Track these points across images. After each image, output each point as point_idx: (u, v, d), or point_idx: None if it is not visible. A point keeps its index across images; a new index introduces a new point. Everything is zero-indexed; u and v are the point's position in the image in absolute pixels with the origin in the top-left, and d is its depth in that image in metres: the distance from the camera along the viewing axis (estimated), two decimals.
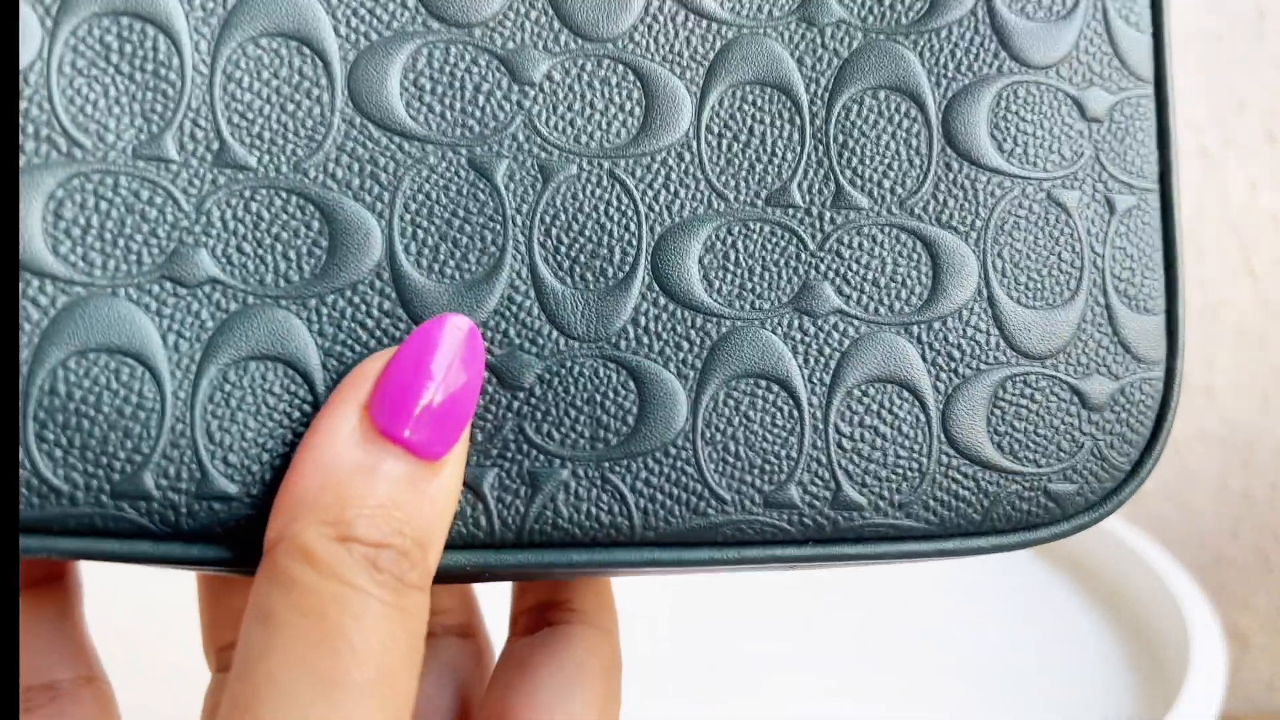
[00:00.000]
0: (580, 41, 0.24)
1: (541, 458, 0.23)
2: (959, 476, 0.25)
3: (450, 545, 0.23)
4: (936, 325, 0.25)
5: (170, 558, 0.22)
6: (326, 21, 0.23)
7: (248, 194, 0.22)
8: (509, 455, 0.23)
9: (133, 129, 0.22)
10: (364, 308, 0.23)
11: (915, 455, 0.25)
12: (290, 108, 0.23)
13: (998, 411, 0.25)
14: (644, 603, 0.37)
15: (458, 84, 0.24)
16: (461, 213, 0.23)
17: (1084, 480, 0.26)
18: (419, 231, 0.23)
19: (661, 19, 0.25)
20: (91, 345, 0.21)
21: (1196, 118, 0.67)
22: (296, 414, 0.22)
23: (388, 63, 0.23)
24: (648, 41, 0.24)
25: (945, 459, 0.25)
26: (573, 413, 0.23)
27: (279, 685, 0.19)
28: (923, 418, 0.25)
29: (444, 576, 0.23)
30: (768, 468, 0.24)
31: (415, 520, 0.21)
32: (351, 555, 0.20)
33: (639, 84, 0.24)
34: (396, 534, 0.20)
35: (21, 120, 0.21)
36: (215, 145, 0.22)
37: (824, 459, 0.24)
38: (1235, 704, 0.75)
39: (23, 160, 0.21)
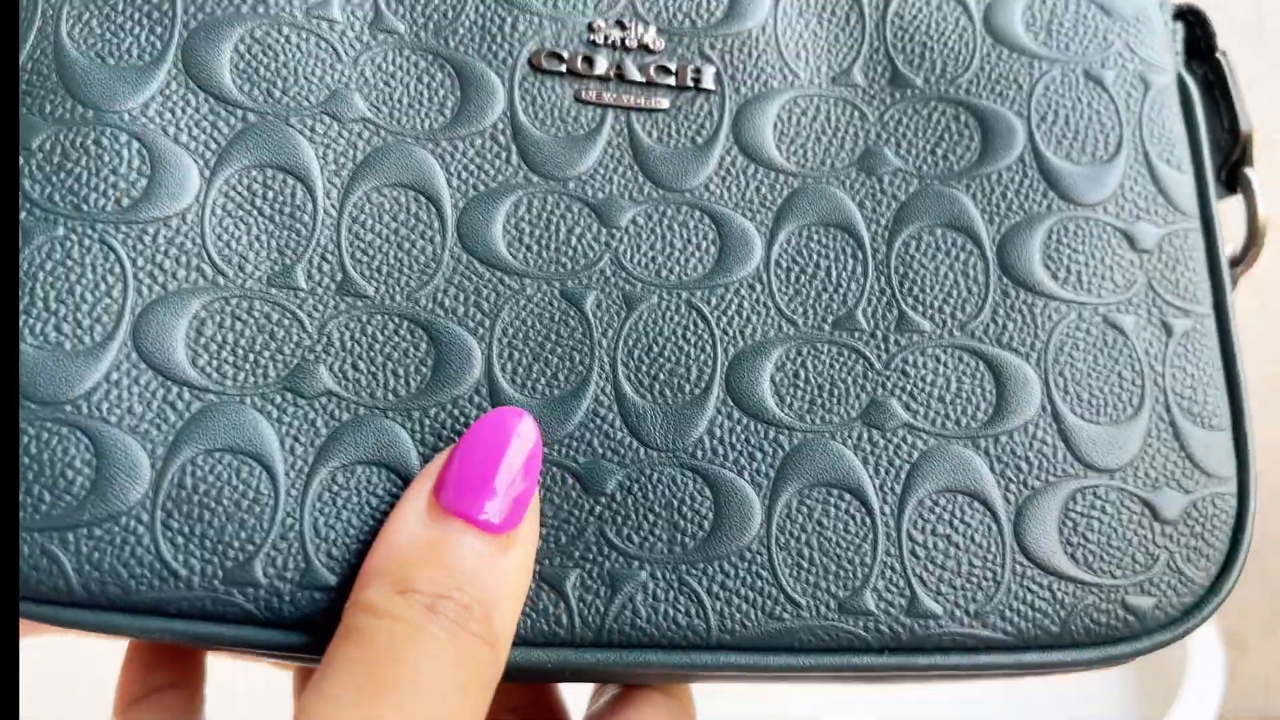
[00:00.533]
0: (661, 191, 0.27)
1: (621, 560, 0.24)
2: (1035, 586, 0.25)
3: (532, 643, 0.24)
4: (1003, 439, 0.26)
5: (272, 644, 0.23)
6: (441, 175, 0.26)
7: (365, 318, 0.25)
8: (590, 557, 0.24)
9: (268, 261, 0.25)
10: (463, 419, 0.24)
11: (990, 564, 0.25)
12: (406, 246, 0.25)
13: (1069, 523, 0.25)
14: None
15: (553, 227, 0.26)
16: (553, 337, 0.25)
17: (1162, 593, 0.25)
18: (514, 353, 0.25)
19: (734, 171, 0.27)
20: (218, 446, 0.23)
21: None
22: None
23: (493, 210, 0.26)
24: (721, 191, 0.27)
25: (1020, 568, 0.25)
26: (651, 517, 0.24)
27: (326, 697, 0.20)
28: (995, 528, 0.25)
29: (525, 674, 0.24)
30: (842, 574, 0.24)
31: (478, 584, 0.21)
32: (408, 601, 0.21)
33: (714, 226, 0.27)
34: (456, 589, 0.21)
35: (176, 251, 0.24)
36: (339, 276, 0.25)
37: (898, 566, 0.25)
38: (1233, 706, 0.72)
39: (173, 285, 0.24)
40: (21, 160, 0.24)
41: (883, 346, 0.26)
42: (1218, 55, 0.30)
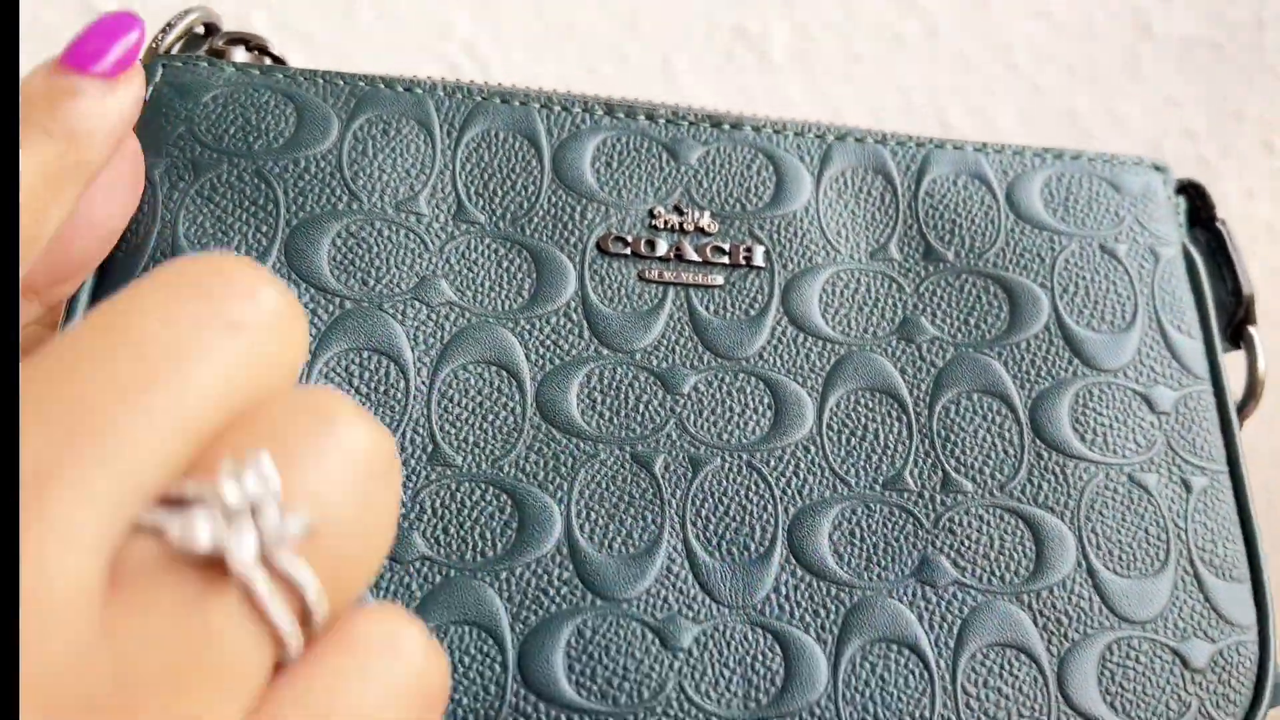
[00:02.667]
0: (720, 360, 0.28)
1: (700, 716, 0.25)
2: None
3: None
4: (1044, 594, 0.27)
5: None
6: (520, 351, 0.28)
7: (454, 486, 0.26)
8: (671, 713, 0.25)
9: None
10: (546, 577, 0.26)
11: (1037, 714, 0.26)
12: (490, 417, 0.27)
13: (1107, 672, 0.26)
14: None
15: (623, 395, 0.28)
16: (626, 498, 0.27)
17: None
18: (592, 514, 0.26)
19: (785, 340, 0.29)
20: None
21: (1195, 127, 0.65)
22: (488, 673, 0.25)
23: (568, 381, 0.27)
24: (774, 359, 0.28)
25: (1065, 718, 0.26)
26: (726, 673, 0.25)
27: None
28: (1040, 679, 0.26)
29: None
30: None
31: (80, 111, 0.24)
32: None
33: (769, 391, 0.28)
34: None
35: None
36: (430, 448, 0.26)
37: (954, 718, 0.26)
38: None
39: None
40: None
41: (930, 506, 0.27)
42: (1218, 224, 0.32)
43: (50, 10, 0.66)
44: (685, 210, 0.29)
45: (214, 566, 0.14)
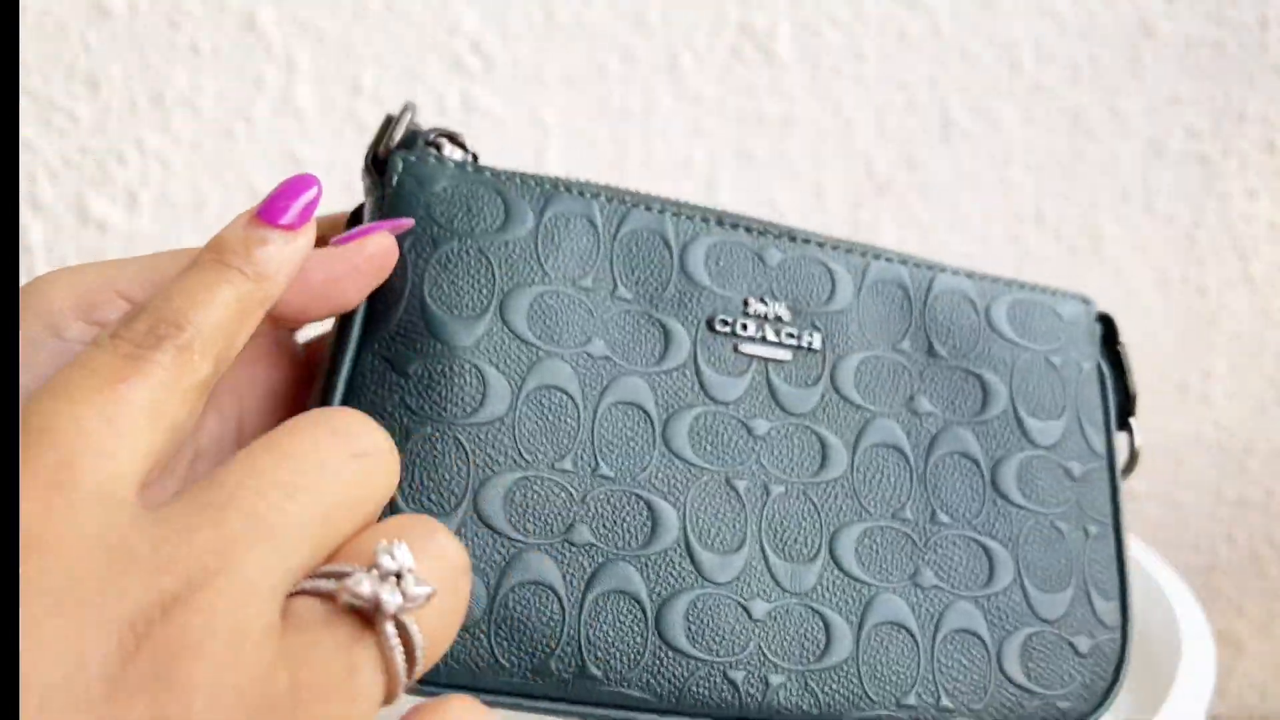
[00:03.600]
0: (785, 415, 0.39)
1: (770, 666, 0.36)
2: (1008, 695, 0.39)
3: (713, 714, 0.36)
4: (993, 599, 0.39)
5: (550, 710, 0.34)
6: (652, 398, 0.38)
7: (609, 493, 0.36)
8: (752, 663, 0.36)
9: (551, 452, 0.36)
10: (670, 564, 0.36)
11: (983, 679, 0.38)
12: (632, 445, 0.37)
13: (1027, 653, 0.39)
14: None
15: (718, 434, 0.38)
16: (721, 511, 0.38)
17: (1076, 701, 0.39)
18: (699, 519, 0.37)
19: (830, 404, 0.40)
20: (524, 580, 0.34)
21: (1197, 126, 0.67)
22: (636, 628, 0.35)
23: (683, 422, 0.38)
24: (822, 417, 0.40)
25: (999, 682, 0.38)
26: (788, 639, 0.37)
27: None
28: (986, 655, 0.39)
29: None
30: (899, 681, 0.37)
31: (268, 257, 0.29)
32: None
33: (818, 440, 0.39)
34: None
35: (498, 444, 0.35)
36: (593, 464, 0.36)
37: (930, 679, 0.38)
38: (1228, 709, 0.73)
39: (497, 468, 0.35)
40: (402, 381, 0.35)
41: (922, 533, 0.39)
42: (1118, 347, 0.45)
43: (59, 5, 0.66)
44: (768, 302, 0.40)
45: (361, 620, 0.23)
